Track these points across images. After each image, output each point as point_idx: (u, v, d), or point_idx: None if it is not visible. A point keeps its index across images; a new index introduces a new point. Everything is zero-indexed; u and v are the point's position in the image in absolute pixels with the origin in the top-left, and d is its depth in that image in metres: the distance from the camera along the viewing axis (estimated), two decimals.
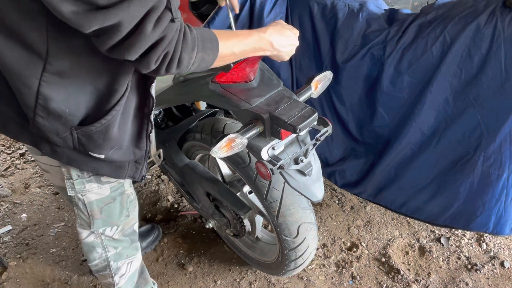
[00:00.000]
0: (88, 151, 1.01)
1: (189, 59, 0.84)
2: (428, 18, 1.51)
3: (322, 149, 1.86)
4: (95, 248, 1.33)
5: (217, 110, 1.63)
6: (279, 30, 1.08)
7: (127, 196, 1.27)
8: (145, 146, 1.09)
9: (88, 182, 1.15)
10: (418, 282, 1.76)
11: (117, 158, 1.06)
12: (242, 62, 1.11)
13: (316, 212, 2.06)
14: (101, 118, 0.94)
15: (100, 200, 1.20)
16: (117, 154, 1.04)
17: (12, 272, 1.91)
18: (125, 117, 1.00)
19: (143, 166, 1.16)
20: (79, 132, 0.96)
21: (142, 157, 1.13)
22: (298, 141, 1.18)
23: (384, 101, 1.63)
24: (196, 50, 0.85)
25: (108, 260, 1.36)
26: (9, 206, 2.25)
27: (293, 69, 1.85)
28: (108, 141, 0.99)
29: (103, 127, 0.96)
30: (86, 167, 1.08)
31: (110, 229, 1.29)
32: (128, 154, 1.08)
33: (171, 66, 0.83)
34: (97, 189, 1.17)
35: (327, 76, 1.25)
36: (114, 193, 1.21)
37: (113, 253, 1.36)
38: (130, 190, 1.29)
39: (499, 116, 1.41)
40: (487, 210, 1.52)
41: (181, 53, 0.82)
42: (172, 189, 2.28)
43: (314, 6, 1.69)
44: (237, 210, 1.51)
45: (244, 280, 1.82)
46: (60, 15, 0.71)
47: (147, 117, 1.04)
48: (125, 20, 0.72)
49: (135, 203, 1.34)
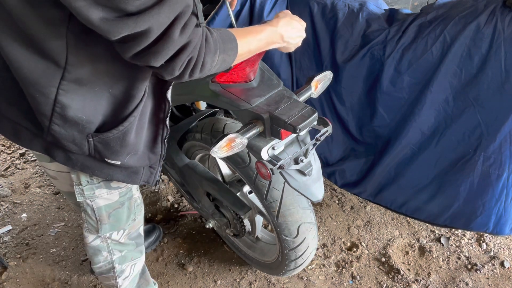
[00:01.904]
0: (104, 157, 1.00)
1: (211, 62, 0.83)
2: (428, 18, 1.51)
3: (322, 149, 1.86)
4: (100, 252, 1.32)
5: (217, 110, 1.63)
6: (289, 22, 1.06)
7: (134, 200, 1.27)
8: (160, 150, 1.09)
9: (97, 188, 1.14)
10: (418, 282, 1.76)
11: (133, 164, 1.05)
12: (242, 62, 1.11)
13: (316, 212, 2.06)
14: (119, 124, 0.93)
15: (109, 206, 1.20)
16: (132, 160, 1.03)
17: (12, 272, 1.91)
18: (142, 122, 0.99)
19: (157, 170, 1.16)
20: (96, 140, 0.95)
21: (156, 162, 1.12)
22: (298, 141, 1.18)
23: (384, 101, 1.63)
24: (218, 53, 0.84)
25: (113, 263, 1.35)
26: (9, 206, 2.25)
27: (293, 69, 1.85)
28: (125, 148, 0.98)
29: (121, 134, 0.95)
30: (100, 173, 1.07)
31: (116, 233, 1.29)
32: (144, 160, 1.07)
33: (195, 71, 0.82)
34: (106, 194, 1.16)
35: (327, 76, 1.25)
36: (122, 198, 1.21)
37: (118, 256, 1.35)
38: (137, 194, 1.29)
39: (499, 116, 1.41)
40: (487, 210, 1.52)
41: (205, 57, 0.82)
42: (172, 189, 2.28)
43: (314, 6, 1.69)
44: (237, 210, 1.51)
45: (244, 280, 1.82)
46: (89, 22, 0.70)
47: (163, 122, 1.04)
48: (155, 26, 0.71)
49: (142, 206, 1.34)
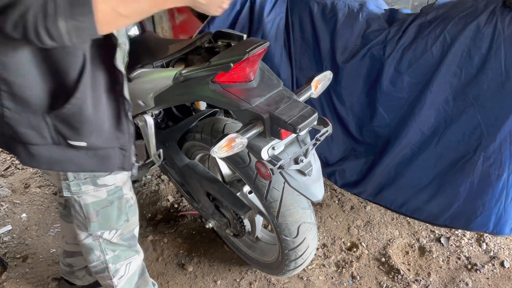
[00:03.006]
0: (67, 139, 0.97)
1: (56, 28, 0.76)
2: (428, 18, 1.51)
3: (322, 149, 1.86)
4: (93, 250, 1.32)
5: (217, 110, 1.63)
6: None
7: (126, 200, 1.25)
8: (126, 128, 1.05)
9: (84, 184, 1.13)
10: (418, 282, 1.76)
11: (101, 145, 1.02)
12: (242, 62, 1.11)
13: (316, 212, 2.06)
14: (71, 97, 0.91)
15: (97, 203, 1.19)
16: (99, 140, 1.01)
17: (12, 272, 1.91)
18: (97, 95, 0.96)
19: (130, 153, 1.11)
20: (53, 118, 0.93)
21: (126, 142, 1.08)
22: (298, 141, 1.18)
23: (384, 101, 1.63)
24: (61, 19, 0.75)
25: (107, 263, 1.35)
26: (9, 206, 2.25)
27: (293, 69, 1.85)
28: (86, 124, 0.96)
29: (76, 108, 0.93)
30: (71, 165, 1.04)
31: (108, 233, 1.28)
32: (112, 140, 1.04)
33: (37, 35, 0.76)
34: (93, 191, 1.15)
35: (327, 76, 1.25)
36: (111, 197, 1.20)
37: (111, 256, 1.34)
38: (130, 194, 1.27)
39: (499, 116, 1.41)
40: (487, 210, 1.52)
41: (45, 22, 0.75)
42: (172, 189, 2.28)
43: (314, 6, 1.69)
44: (237, 210, 1.51)
45: (244, 280, 1.82)
46: None
47: (120, 95, 1.00)
48: None
49: (135, 208, 1.32)
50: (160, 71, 1.36)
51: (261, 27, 1.76)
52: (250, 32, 1.80)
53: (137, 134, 1.68)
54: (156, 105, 1.42)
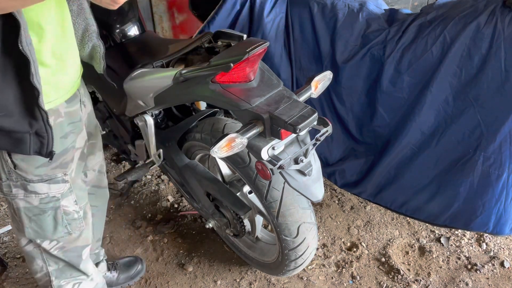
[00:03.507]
0: None
1: None
2: (428, 18, 1.51)
3: (322, 149, 1.86)
4: (34, 259, 1.27)
5: (217, 110, 1.63)
6: None
7: (65, 213, 1.20)
8: (40, 115, 1.01)
9: (14, 187, 1.11)
10: (418, 282, 1.76)
11: (9, 126, 1.00)
12: (242, 62, 1.11)
13: (316, 212, 2.06)
14: None
15: (28, 209, 1.15)
16: (7, 122, 0.99)
17: (12, 272, 1.91)
18: (5, 79, 0.95)
19: (48, 140, 1.06)
20: None
21: (42, 129, 1.04)
22: (298, 141, 1.18)
23: (384, 101, 1.64)
24: None
25: (50, 275, 1.28)
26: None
27: (293, 69, 1.85)
28: None
29: None
30: None
31: (48, 243, 1.23)
32: (23, 124, 1.01)
33: None
34: (23, 196, 1.13)
35: (327, 76, 1.25)
36: (44, 206, 1.16)
37: (54, 269, 1.28)
38: (73, 208, 1.21)
39: (499, 116, 1.41)
40: (487, 210, 1.52)
41: None
42: (172, 189, 2.28)
43: (314, 6, 1.69)
44: (237, 210, 1.51)
45: (244, 280, 1.82)
46: None
47: (26, 81, 0.96)
48: None
49: (81, 223, 1.25)
50: (160, 71, 1.36)
51: (261, 27, 1.76)
52: (250, 32, 1.80)
53: (137, 134, 1.70)
54: (156, 105, 1.42)
